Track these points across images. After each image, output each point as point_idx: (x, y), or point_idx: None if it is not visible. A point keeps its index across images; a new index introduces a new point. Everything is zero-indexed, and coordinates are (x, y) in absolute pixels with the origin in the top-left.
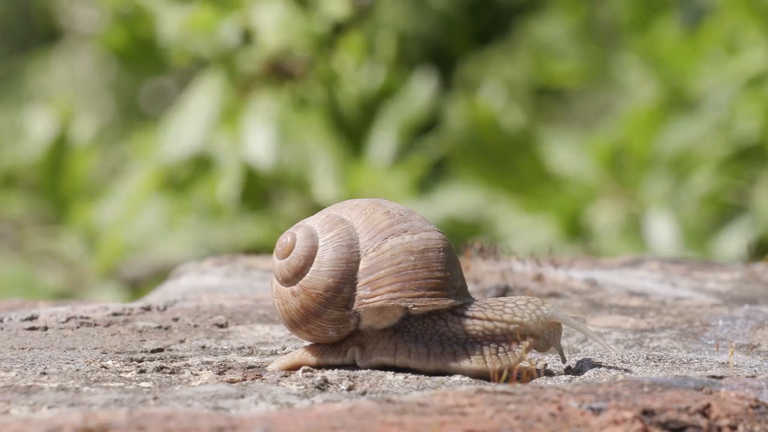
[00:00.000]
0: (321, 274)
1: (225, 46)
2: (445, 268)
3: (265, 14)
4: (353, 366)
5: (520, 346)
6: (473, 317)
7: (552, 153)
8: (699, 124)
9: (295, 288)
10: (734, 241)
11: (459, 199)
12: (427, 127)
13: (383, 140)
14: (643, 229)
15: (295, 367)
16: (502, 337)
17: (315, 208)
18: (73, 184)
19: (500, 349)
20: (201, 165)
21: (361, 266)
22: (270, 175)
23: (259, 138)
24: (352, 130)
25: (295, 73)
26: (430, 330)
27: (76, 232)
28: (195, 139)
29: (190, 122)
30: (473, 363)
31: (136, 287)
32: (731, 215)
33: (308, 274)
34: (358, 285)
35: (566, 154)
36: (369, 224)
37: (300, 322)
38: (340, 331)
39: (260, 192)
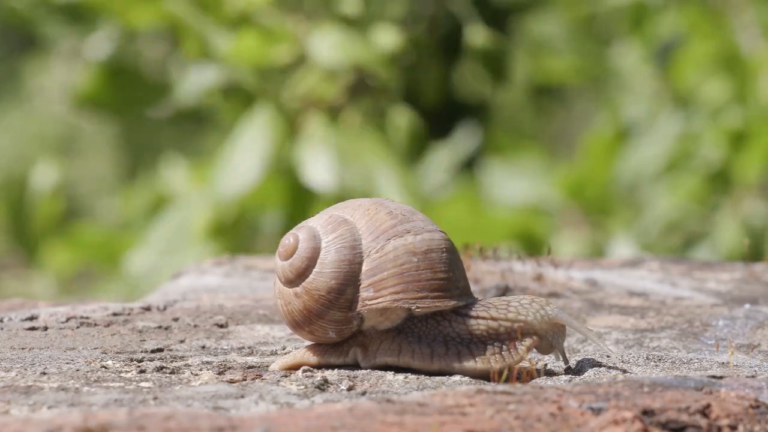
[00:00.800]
0: (324, 275)
1: (274, 78)
2: (448, 269)
3: (321, 40)
4: (353, 366)
5: (523, 343)
6: (477, 317)
7: (512, 186)
8: (663, 151)
9: (298, 289)
10: None
11: None
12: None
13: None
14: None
15: (296, 367)
16: (506, 336)
17: None
18: (42, 226)
19: (503, 348)
20: (253, 204)
21: (364, 267)
22: (333, 197)
23: (319, 162)
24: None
25: (338, 106)
26: (434, 330)
27: (49, 275)
28: (250, 176)
29: (243, 160)
30: (478, 363)
31: None
32: (694, 241)
33: (311, 276)
34: (361, 286)
35: (527, 185)
36: (372, 225)
37: (303, 323)
38: (342, 332)
39: None
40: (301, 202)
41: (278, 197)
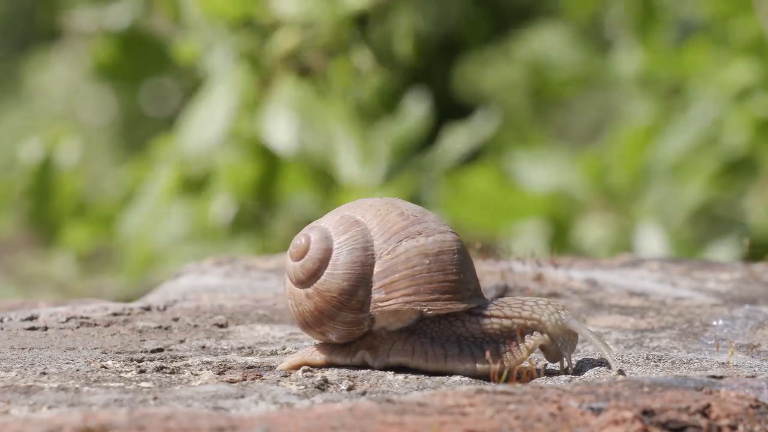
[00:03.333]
0: (336, 277)
1: (248, 39)
2: (459, 271)
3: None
4: (355, 366)
5: (533, 337)
6: (491, 315)
7: (537, 173)
8: (689, 138)
9: (310, 290)
10: (725, 253)
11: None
12: (420, 146)
13: (377, 158)
14: (633, 243)
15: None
16: (518, 332)
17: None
18: (62, 205)
19: (515, 345)
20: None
21: (376, 269)
22: (293, 159)
23: (281, 123)
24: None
25: (313, 67)
26: (447, 331)
27: (68, 254)
28: (217, 132)
29: (212, 115)
30: (493, 363)
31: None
32: (721, 228)
33: (323, 277)
34: (372, 288)
35: (553, 172)
36: (383, 226)
37: (313, 323)
38: (353, 333)
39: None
40: (266, 162)
41: (244, 157)
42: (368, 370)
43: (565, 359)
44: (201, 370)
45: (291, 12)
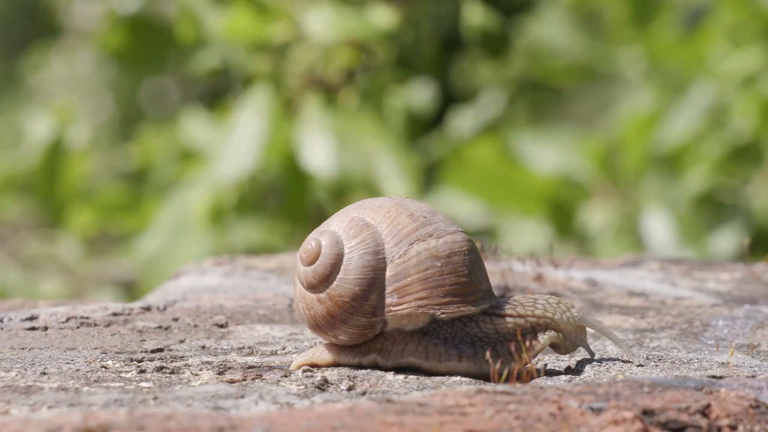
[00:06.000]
0: (348, 282)
1: (271, 58)
2: (470, 272)
3: (316, 16)
4: (356, 366)
5: (547, 333)
6: (505, 315)
7: (543, 154)
8: (694, 124)
9: (321, 295)
10: (729, 239)
11: (455, 205)
12: (427, 129)
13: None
14: (638, 229)
15: (313, 365)
16: (530, 330)
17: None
18: (70, 187)
19: (528, 343)
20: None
21: (388, 273)
22: (334, 182)
23: (318, 147)
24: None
25: (335, 85)
26: (461, 332)
27: (74, 236)
28: (248, 160)
29: (241, 143)
30: (506, 362)
31: (131, 289)
32: (726, 214)
33: (335, 282)
34: (385, 292)
35: (559, 154)
36: (394, 229)
37: (326, 327)
38: (365, 335)
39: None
40: (300, 184)
41: (278, 180)
42: (368, 370)
43: (585, 349)
44: (201, 370)
45: (318, 32)
